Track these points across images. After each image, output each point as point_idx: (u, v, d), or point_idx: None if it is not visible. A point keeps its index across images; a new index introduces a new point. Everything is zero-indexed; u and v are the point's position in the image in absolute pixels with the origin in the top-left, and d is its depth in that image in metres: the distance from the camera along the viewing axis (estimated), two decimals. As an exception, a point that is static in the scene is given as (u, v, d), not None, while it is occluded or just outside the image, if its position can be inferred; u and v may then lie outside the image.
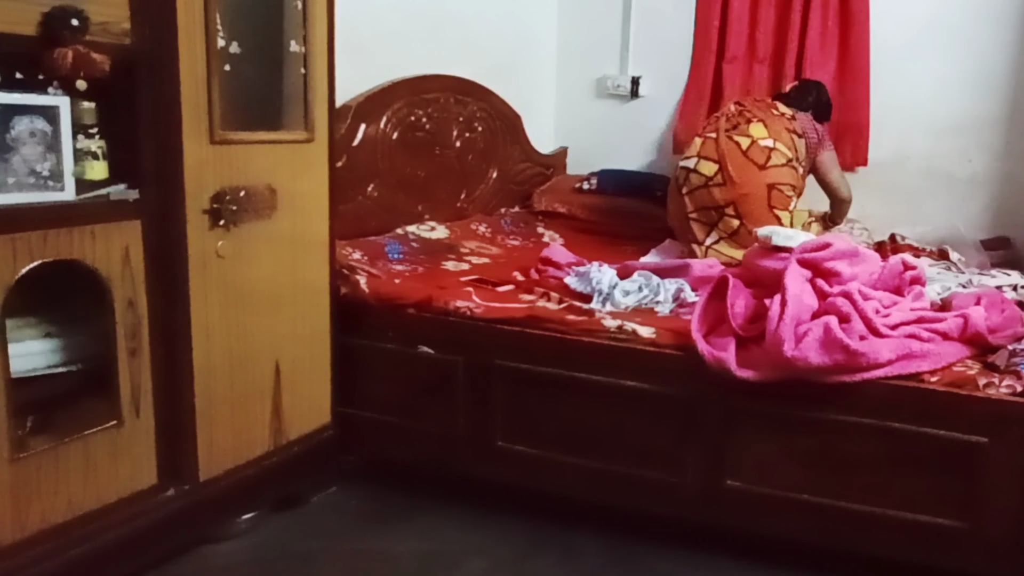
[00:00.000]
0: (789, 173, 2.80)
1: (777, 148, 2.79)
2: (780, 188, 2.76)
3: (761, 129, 2.82)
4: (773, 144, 2.79)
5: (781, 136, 2.83)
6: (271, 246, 2.02)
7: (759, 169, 2.76)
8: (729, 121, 2.87)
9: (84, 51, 1.57)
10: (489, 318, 2.17)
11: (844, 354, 1.81)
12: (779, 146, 2.79)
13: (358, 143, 2.69)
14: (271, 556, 2.04)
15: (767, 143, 2.79)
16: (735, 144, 2.79)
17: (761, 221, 2.69)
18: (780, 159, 2.78)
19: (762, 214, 2.75)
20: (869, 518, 1.90)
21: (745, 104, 2.96)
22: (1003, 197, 3.28)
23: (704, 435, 2.01)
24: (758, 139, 2.79)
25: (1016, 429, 1.77)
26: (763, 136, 2.80)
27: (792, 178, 2.81)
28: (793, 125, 2.89)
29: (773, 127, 2.84)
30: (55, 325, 1.77)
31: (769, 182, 2.76)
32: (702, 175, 2.81)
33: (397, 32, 2.92)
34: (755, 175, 2.76)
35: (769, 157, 2.77)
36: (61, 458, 1.67)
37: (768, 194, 2.76)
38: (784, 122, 2.88)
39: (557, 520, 2.20)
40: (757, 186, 2.76)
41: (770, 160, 2.77)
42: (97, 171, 1.72)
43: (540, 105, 3.81)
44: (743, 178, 2.76)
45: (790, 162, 2.81)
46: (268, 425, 2.09)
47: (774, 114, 2.90)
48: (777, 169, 2.77)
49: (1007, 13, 3.18)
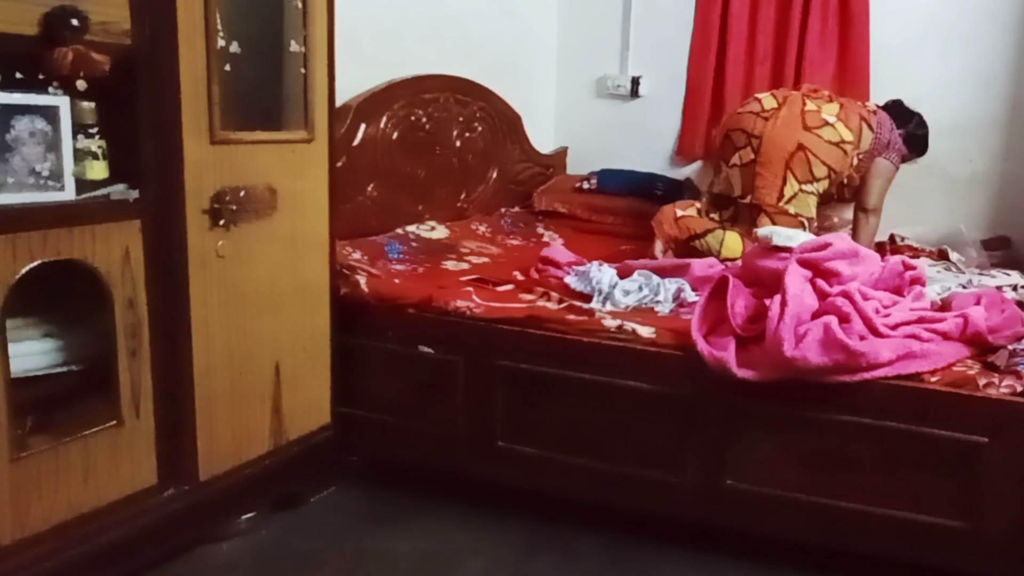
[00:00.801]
0: (832, 152, 2.72)
1: (835, 126, 2.73)
2: (809, 155, 2.69)
3: (834, 108, 2.79)
4: (834, 121, 2.74)
5: (850, 120, 2.77)
6: (271, 246, 2.02)
7: (803, 128, 2.72)
8: (814, 91, 2.88)
9: (84, 51, 1.57)
10: (489, 318, 2.17)
11: (844, 354, 1.81)
12: (839, 126, 2.74)
13: (358, 143, 2.69)
14: (271, 556, 2.04)
15: (829, 118, 2.75)
16: (802, 103, 2.78)
17: (768, 177, 2.70)
18: (832, 136, 2.72)
19: (775, 169, 2.71)
20: (869, 518, 1.90)
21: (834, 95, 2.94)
22: (1003, 197, 3.27)
23: (704, 435, 2.01)
24: (824, 113, 2.76)
25: (1016, 429, 1.77)
26: (831, 113, 2.77)
27: (832, 159, 2.72)
28: (871, 117, 2.83)
29: (847, 110, 2.80)
30: (55, 325, 1.77)
31: (802, 141, 2.70)
32: (760, 104, 2.82)
33: (397, 32, 2.92)
34: (795, 129, 2.72)
35: (821, 126, 2.72)
36: (61, 458, 1.67)
37: (794, 151, 2.70)
38: (862, 110, 2.84)
39: (557, 520, 2.20)
40: (789, 138, 2.71)
41: (820, 129, 2.72)
42: (97, 171, 1.72)
43: (540, 105, 3.81)
44: (784, 124, 2.73)
45: (841, 144, 2.73)
46: (268, 425, 2.09)
47: (856, 103, 2.88)
48: (820, 140, 2.71)
49: (1007, 13, 3.18)
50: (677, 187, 3.43)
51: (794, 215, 2.71)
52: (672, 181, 3.48)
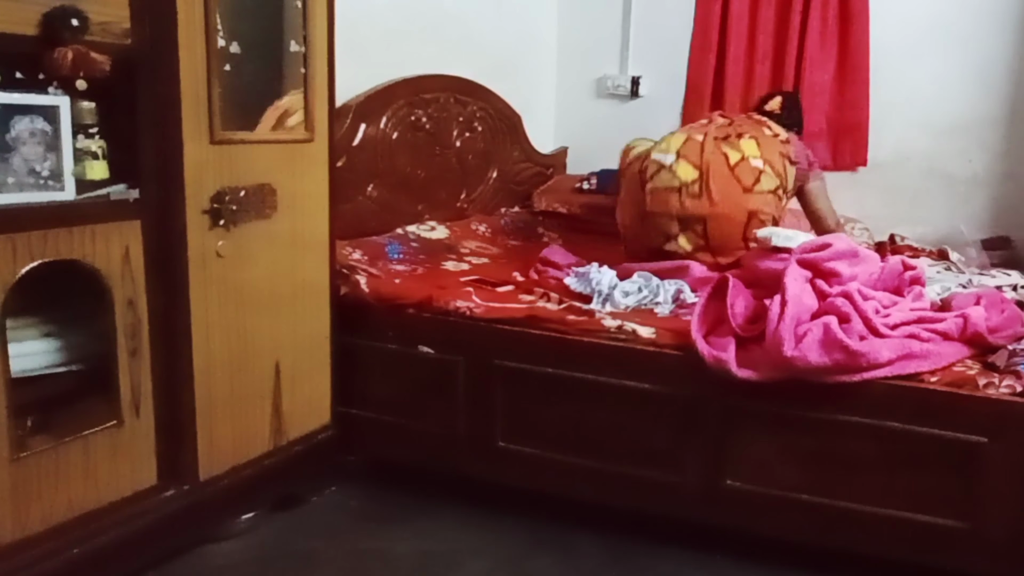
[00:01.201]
0: (773, 202, 2.46)
1: (767, 172, 2.45)
2: (762, 217, 2.42)
3: (753, 147, 2.48)
4: (763, 167, 2.45)
5: (774, 160, 2.49)
6: (271, 246, 2.02)
7: (744, 191, 2.41)
8: (720, 129, 2.55)
9: (84, 51, 1.57)
10: (489, 318, 2.17)
11: (844, 354, 1.81)
12: (768, 170, 2.45)
13: (358, 143, 2.69)
14: (271, 556, 2.04)
15: (757, 164, 2.45)
16: (723, 156, 2.45)
17: (728, 247, 2.43)
18: (768, 184, 2.44)
19: (733, 241, 2.43)
20: (869, 518, 1.90)
21: (733, 118, 2.66)
22: (1003, 197, 3.28)
23: (704, 435, 2.01)
24: (749, 157, 2.45)
25: (1016, 429, 1.77)
26: (755, 155, 2.46)
27: (775, 208, 2.47)
28: (787, 150, 2.54)
29: (766, 148, 2.50)
30: (55, 325, 1.77)
31: (752, 208, 2.41)
32: (676, 177, 2.44)
33: (397, 32, 2.92)
34: (738, 197, 2.41)
35: (758, 180, 2.43)
36: (61, 458, 1.67)
37: (747, 221, 2.41)
38: (778, 145, 2.54)
39: (557, 520, 2.20)
40: (737, 209, 2.41)
41: (758, 184, 2.43)
42: (97, 171, 1.72)
43: (540, 105, 3.81)
44: (724, 196, 2.40)
45: (776, 190, 2.47)
46: (268, 425, 2.09)
47: (766, 134, 2.56)
48: (762, 195, 2.43)
49: (1007, 13, 3.18)
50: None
51: None
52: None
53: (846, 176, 3.41)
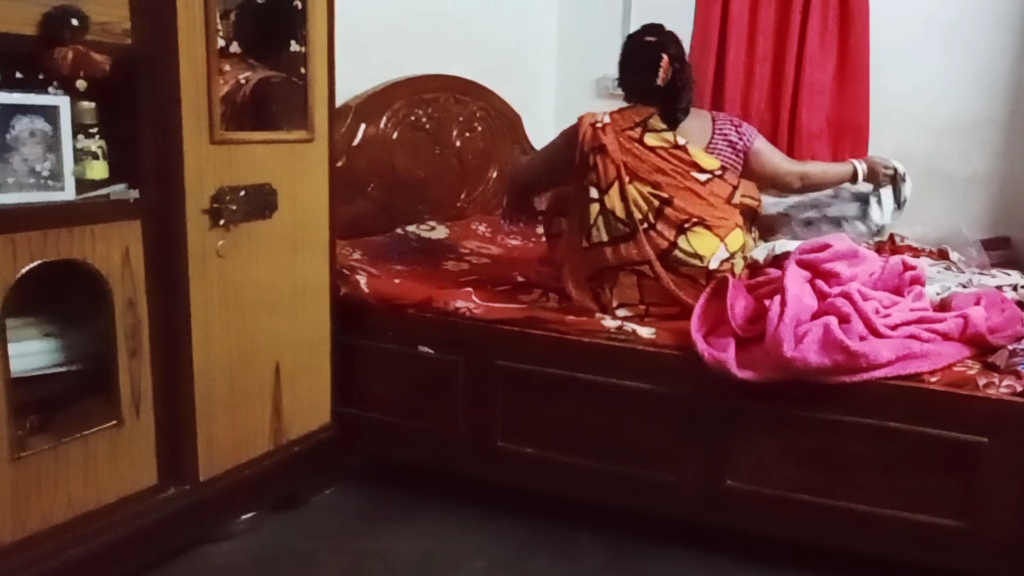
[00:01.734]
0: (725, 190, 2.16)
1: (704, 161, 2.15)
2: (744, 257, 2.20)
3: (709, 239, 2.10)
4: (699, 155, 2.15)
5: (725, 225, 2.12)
6: (271, 246, 2.02)
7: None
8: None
9: (84, 51, 1.57)
10: (489, 318, 2.17)
11: (844, 354, 1.81)
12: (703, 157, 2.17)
13: (358, 143, 2.69)
14: (271, 556, 2.04)
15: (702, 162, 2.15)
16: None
17: None
18: (720, 189, 2.15)
19: None
20: (869, 518, 1.90)
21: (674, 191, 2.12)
22: (1003, 197, 3.28)
23: (704, 435, 2.01)
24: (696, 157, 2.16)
25: (1016, 429, 1.77)
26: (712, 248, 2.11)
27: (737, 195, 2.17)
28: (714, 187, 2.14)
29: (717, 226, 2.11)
30: (55, 325, 1.77)
31: None
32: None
33: (397, 32, 2.92)
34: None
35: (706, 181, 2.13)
36: (61, 458, 1.67)
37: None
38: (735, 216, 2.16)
39: (557, 520, 2.20)
40: None
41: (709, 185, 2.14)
42: (97, 171, 1.71)
43: (540, 105, 3.81)
44: None
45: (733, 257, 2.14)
46: (268, 425, 2.09)
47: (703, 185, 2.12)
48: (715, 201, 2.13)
49: (1007, 13, 3.18)
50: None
51: None
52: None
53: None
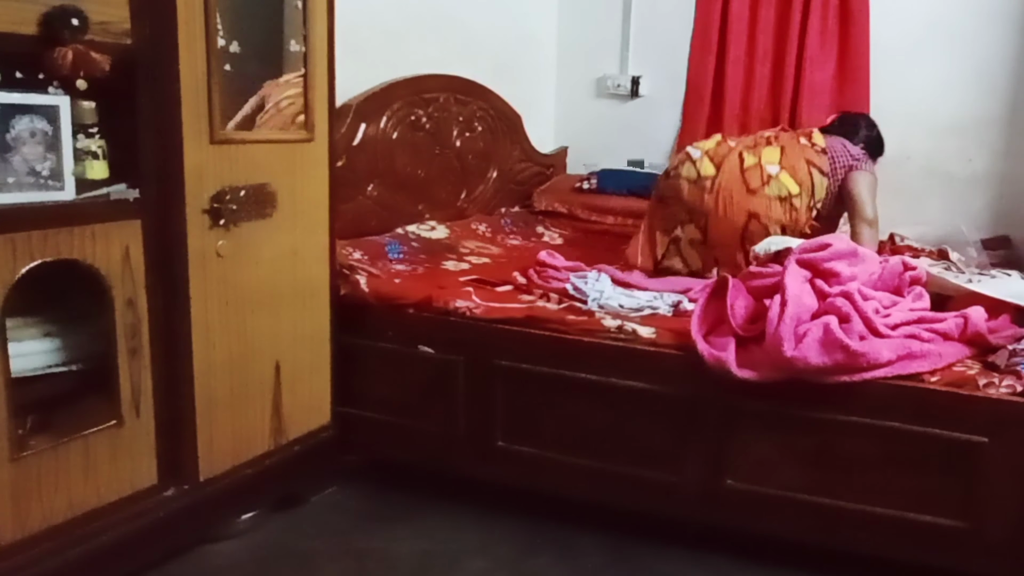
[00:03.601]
0: (781, 209, 2.47)
1: (779, 179, 2.48)
2: (762, 221, 2.46)
3: (774, 153, 2.54)
4: (777, 172, 2.49)
5: (797, 168, 2.52)
6: (271, 246, 2.02)
7: (747, 192, 2.48)
8: (755, 139, 2.66)
9: (84, 51, 1.57)
10: (489, 318, 2.17)
11: (844, 354, 1.81)
12: (784, 177, 2.49)
13: (358, 143, 2.69)
14: (271, 555, 2.04)
15: (771, 169, 2.50)
16: (739, 160, 2.53)
17: (724, 245, 2.50)
18: (778, 190, 2.48)
19: (730, 240, 2.50)
20: (869, 518, 1.90)
21: (784, 132, 2.74)
22: (1003, 197, 3.27)
23: (704, 435, 2.01)
24: (764, 163, 2.51)
25: (1016, 429, 1.77)
26: (772, 161, 2.52)
27: (783, 214, 2.47)
28: (819, 159, 2.56)
29: (790, 154, 2.54)
30: (55, 325, 1.77)
31: (752, 209, 2.46)
32: (696, 170, 2.56)
33: (397, 32, 2.92)
34: (740, 198, 2.48)
35: (765, 183, 2.48)
36: (61, 458, 1.67)
37: (745, 223, 2.47)
38: (808, 153, 2.56)
39: (557, 520, 2.20)
40: (736, 211, 2.48)
41: (765, 188, 2.47)
42: (97, 171, 1.72)
43: (540, 105, 3.81)
44: (727, 197, 2.48)
45: (790, 198, 2.47)
46: (268, 425, 2.09)
47: (800, 143, 2.60)
48: (768, 200, 2.47)
49: (1007, 13, 3.18)
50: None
51: None
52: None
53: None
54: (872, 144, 2.88)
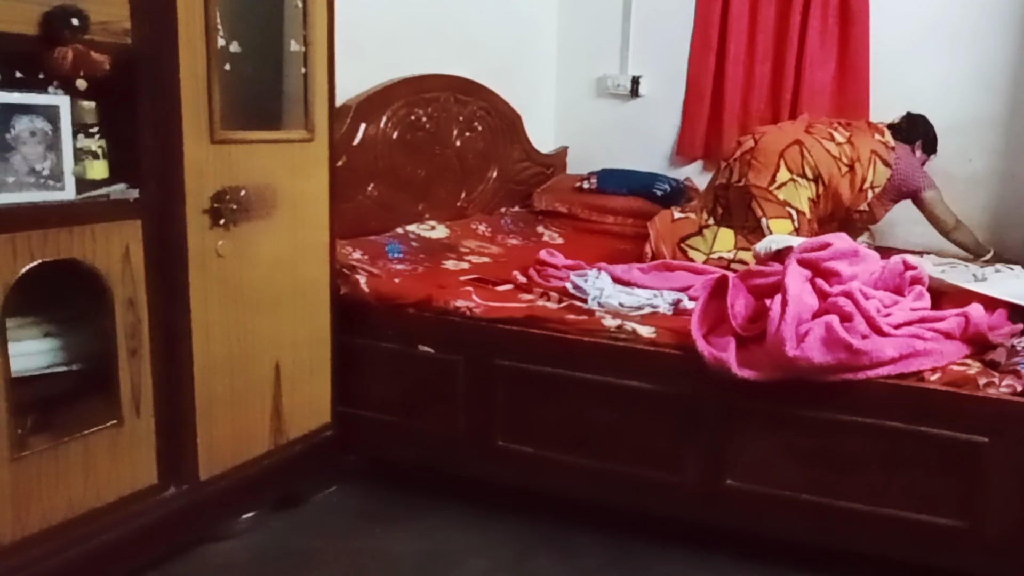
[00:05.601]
0: (826, 160, 2.75)
1: (840, 143, 2.78)
2: (805, 151, 2.73)
3: (842, 134, 2.83)
4: (842, 140, 2.79)
5: (860, 149, 2.80)
6: (271, 246, 2.02)
7: (805, 131, 2.77)
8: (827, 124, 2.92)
9: (84, 50, 1.57)
10: (489, 318, 2.17)
11: (847, 353, 1.81)
12: (845, 147, 2.79)
13: (358, 142, 2.69)
14: (271, 555, 2.04)
15: (837, 135, 2.80)
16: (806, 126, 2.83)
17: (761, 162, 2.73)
18: (832, 148, 2.76)
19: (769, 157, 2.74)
20: (869, 518, 1.90)
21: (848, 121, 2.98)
22: (1003, 197, 3.27)
23: (704, 435, 2.01)
24: (833, 130, 2.80)
25: (1016, 429, 1.77)
26: (841, 136, 2.81)
27: (825, 166, 2.75)
28: (885, 153, 2.84)
29: (858, 138, 2.83)
30: (55, 325, 1.77)
31: (800, 139, 2.74)
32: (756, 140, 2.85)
33: (397, 32, 2.92)
34: (797, 130, 2.79)
35: (825, 137, 2.78)
36: (61, 457, 1.67)
37: (790, 144, 2.75)
38: (875, 144, 2.85)
39: (557, 520, 2.20)
40: (789, 133, 2.79)
41: (821, 137, 2.78)
42: (97, 170, 1.72)
43: (540, 105, 3.81)
44: (788, 127, 2.84)
45: (839, 160, 2.77)
46: (268, 425, 2.09)
47: (870, 136, 2.88)
48: (818, 143, 2.77)
49: (1007, 13, 3.18)
50: (677, 187, 3.43)
51: (783, 201, 2.74)
52: (672, 181, 3.47)
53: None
54: (929, 145, 3.09)
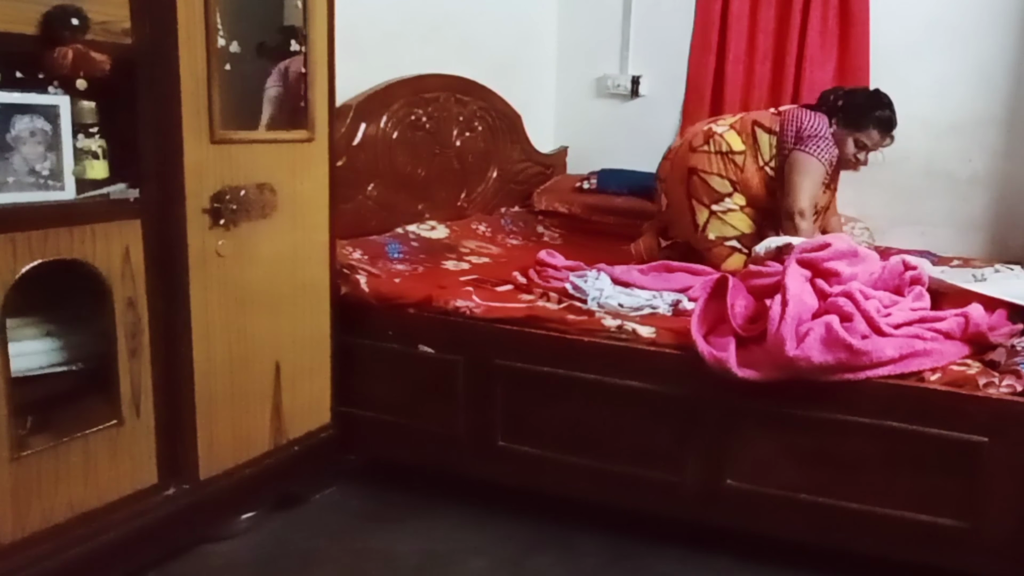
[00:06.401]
0: (721, 163, 2.58)
1: (723, 136, 2.60)
2: (702, 175, 2.59)
3: (727, 121, 2.69)
4: (724, 131, 2.62)
5: (743, 127, 2.63)
6: (271, 246, 2.02)
7: (689, 150, 2.65)
8: None
9: (84, 50, 1.57)
10: (489, 318, 2.17)
11: (847, 353, 1.81)
12: (729, 135, 2.61)
13: (358, 142, 2.69)
14: (271, 555, 2.04)
15: (719, 129, 2.64)
16: (697, 129, 2.73)
17: (678, 214, 2.69)
18: (718, 146, 2.60)
19: (680, 205, 2.67)
20: (869, 518, 1.90)
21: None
22: (1003, 197, 3.27)
23: (704, 435, 2.01)
24: (716, 127, 2.66)
25: (1016, 429, 1.77)
26: (723, 124, 2.67)
27: (727, 171, 2.58)
28: (769, 121, 2.61)
29: (744, 118, 2.67)
30: (55, 325, 1.77)
31: (691, 164, 2.62)
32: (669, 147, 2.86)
33: (397, 32, 2.92)
34: (683, 156, 2.67)
35: (706, 141, 2.62)
36: (61, 457, 1.67)
37: (687, 179, 2.63)
38: (760, 115, 2.67)
39: (557, 520, 2.20)
40: (680, 168, 2.67)
41: (705, 145, 2.62)
42: (97, 170, 1.72)
43: (540, 105, 3.81)
44: (675, 158, 2.71)
45: (731, 154, 2.58)
46: (268, 424, 2.09)
47: (764, 112, 2.73)
48: (707, 155, 2.60)
49: (1007, 13, 3.18)
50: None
51: (717, 240, 2.61)
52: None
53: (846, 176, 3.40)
54: (848, 111, 2.61)
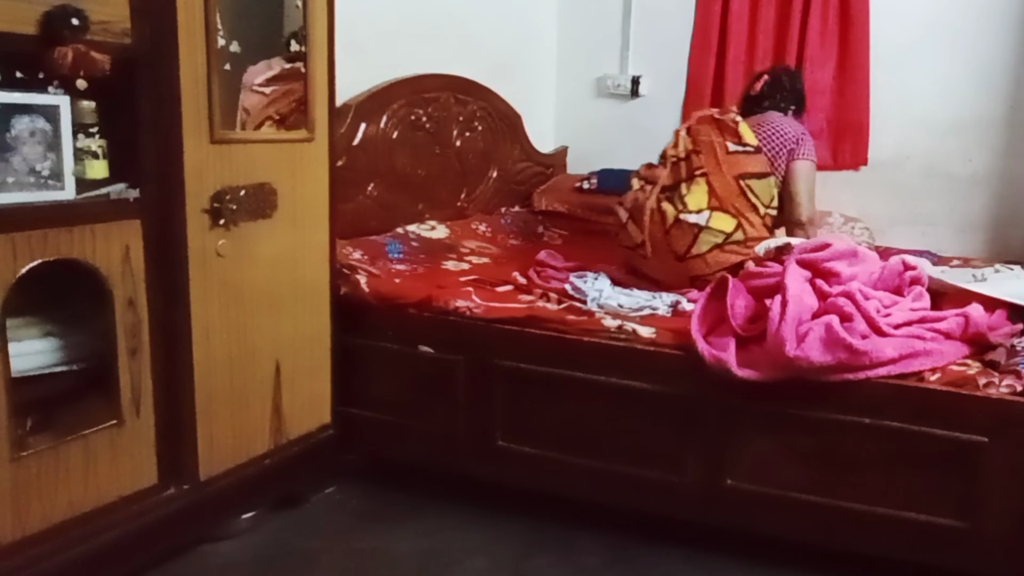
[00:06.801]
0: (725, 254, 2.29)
1: (710, 226, 2.25)
2: (711, 270, 2.27)
3: (700, 195, 2.27)
4: (706, 219, 2.25)
5: (727, 199, 2.26)
6: (271, 246, 2.02)
7: (677, 260, 2.30)
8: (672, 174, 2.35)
9: (84, 50, 1.57)
10: (489, 318, 2.17)
11: (847, 353, 1.81)
12: (715, 221, 2.26)
13: (358, 142, 2.69)
14: (271, 555, 2.04)
15: (699, 219, 2.25)
16: (660, 214, 2.30)
17: None
18: (711, 241, 2.26)
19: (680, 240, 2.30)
20: (869, 518, 1.90)
21: (700, 133, 2.36)
22: (1003, 197, 3.27)
23: (704, 435, 2.01)
24: (690, 211, 2.26)
25: (1016, 429, 1.77)
26: (698, 207, 2.26)
27: (734, 255, 2.28)
28: (755, 165, 2.31)
29: (718, 185, 2.27)
30: (55, 324, 1.77)
31: (694, 274, 2.30)
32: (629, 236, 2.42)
33: (397, 32, 2.92)
34: (674, 267, 2.32)
35: (694, 242, 2.27)
36: (61, 457, 1.67)
37: (692, 281, 2.31)
38: (739, 164, 2.29)
39: (557, 520, 2.20)
40: (679, 279, 2.33)
41: (693, 247, 2.27)
42: (97, 170, 1.72)
43: (540, 105, 3.81)
44: (664, 269, 2.35)
45: (728, 239, 2.27)
46: (268, 424, 2.09)
47: (729, 152, 2.30)
48: (702, 258, 2.28)
49: (1007, 13, 3.18)
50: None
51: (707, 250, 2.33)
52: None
53: (846, 175, 3.42)
54: (800, 100, 2.66)
